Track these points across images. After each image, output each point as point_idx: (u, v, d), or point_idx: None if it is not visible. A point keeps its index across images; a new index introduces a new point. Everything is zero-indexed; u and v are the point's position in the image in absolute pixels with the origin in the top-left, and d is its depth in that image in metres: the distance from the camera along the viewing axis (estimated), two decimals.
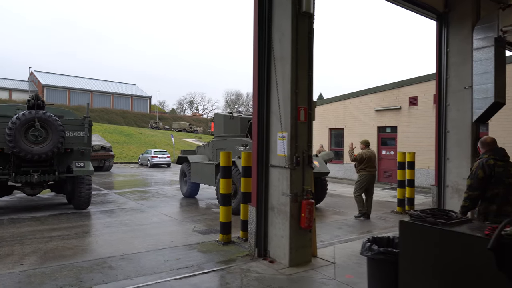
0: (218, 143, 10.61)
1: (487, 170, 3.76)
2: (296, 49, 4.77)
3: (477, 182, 3.80)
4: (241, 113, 10.87)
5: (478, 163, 3.90)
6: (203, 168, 10.62)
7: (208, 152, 11.28)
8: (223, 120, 10.58)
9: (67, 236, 6.56)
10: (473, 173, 3.88)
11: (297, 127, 4.81)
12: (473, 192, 3.83)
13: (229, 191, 6.12)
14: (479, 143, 4.11)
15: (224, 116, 10.68)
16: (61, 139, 8.60)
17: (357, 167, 8.48)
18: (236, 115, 10.43)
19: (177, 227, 7.42)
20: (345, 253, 5.45)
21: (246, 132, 10.07)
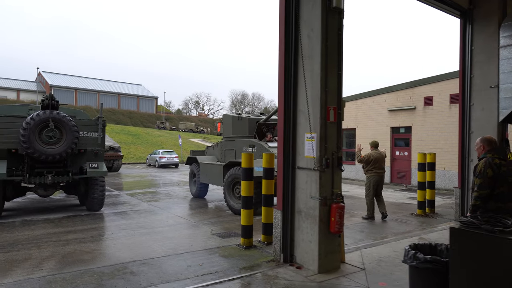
0: (226, 144, 10.61)
1: (495, 169, 3.82)
2: (326, 46, 4.57)
3: (487, 180, 3.83)
4: (249, 114, 10.86)
5: (484, 161, 3.94)
6: (211, 168, 10.59)
7: (217, 153, 11.26)
8: (232, 121, 10.59)
9: (84, 239, 6.40)
10: (481, 172, 3.90)
11: (326, 127, 4.60)
12: (484, 191, 3.84)
13: (251, 193, 5.93)
14: (482, 142, 4.14)
15: (233, 117, 10.67)
16: (75, 139, 8.47)
17: (365, 169, 8.37)
18: (244, 116, 10.42)
19: (194, 230, 7.24)
20: (373, 258, 5.24)
21: (254, 133, 10.11)
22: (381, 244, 6.06)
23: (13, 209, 9.40)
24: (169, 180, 17.99)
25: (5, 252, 5.60)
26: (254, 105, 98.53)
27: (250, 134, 10.09)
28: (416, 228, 7.49)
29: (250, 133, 10.10)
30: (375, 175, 8.28)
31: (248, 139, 9.93)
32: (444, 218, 8.48)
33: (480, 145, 4.18)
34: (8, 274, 4.64)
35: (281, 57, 5.04)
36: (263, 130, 10.24)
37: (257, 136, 10.09)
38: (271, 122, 10.43)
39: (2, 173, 7.85)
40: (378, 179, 8.34)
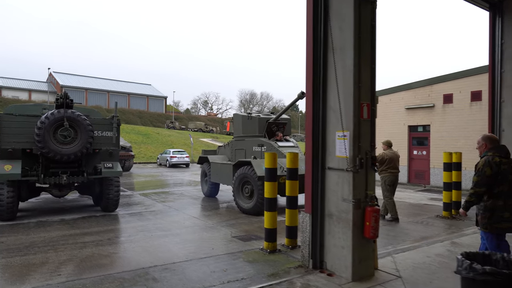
0: (236, 143, 10.61)
1: (494, 168, 3.90)
2: (359, 38, 4.28)
3: (484, 179, 3.94)
4: (259, 114, 10.74)
5: (484, 160, 4.02)
6: (221, 168, 10.57)
7: (228, 152, 11.23)
8: (242, 121, 10.53)
9: (101, 242, 6.20)
10: (480, 170, 3.99)
11: (360, 125, 4.31)
12: (480, 189, 3.97)
13: (274, 195, 5.66)
14: (483, 140, 4.21)
15: (243, 116, 10.61)
16: (90, 139, 8.29)
17: (379, 169, 8.19)
18: (254, 116, 10.33)
19: (213, 232, 7.00)
20: (408, 265, 4.93)
21: (264, 132, 10.04)
22: (412, 249, 5.74)
23: (28, 210, 9.28)
24: (181, 180, 17.82)
25: (22, 255, 5.42)
26: (262, 104, 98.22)
27: (260, 133, 10.03)
28: (444, 232, 7.14)
29: (260, 132, 10.03)
30: (390, 175, 8.04)
31: (257, 139, 9.87)
32: (472, 221, 8.09)
33: (482, 144, 4.23)
34: (25, 280, 4.44)
35: (309, 51, 4.76)
36: (273, 129, 10.14)
37: (267, 135, 10.01)
38: (281, 121, 10.34)
39: (16, 173, 7.71)
40: (393, 179, 8.10)
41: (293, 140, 10.38)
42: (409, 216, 8.71)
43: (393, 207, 8.05)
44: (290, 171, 5.80)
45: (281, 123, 10.24)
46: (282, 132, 10.24)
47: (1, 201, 7.63)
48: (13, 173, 7.67)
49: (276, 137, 9.93)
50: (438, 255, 5.36)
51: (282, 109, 9.83)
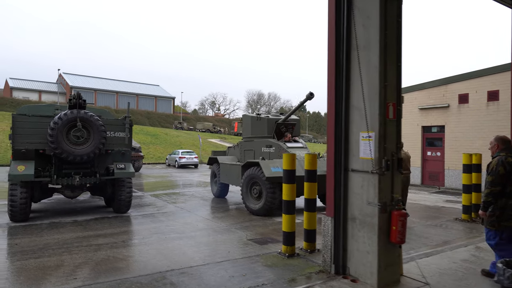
0: (245, 144, 10.63)
1: (507, 167, 4.10)
2: (385, 36, 4.11)
3: (498, 178, 4.12)
4: (268, 114, 10.72)
5: (497, 160, 4.21)
6: (230, 168, 10.56)
7: (237, 153, 11.17)
8: (251, 121, 10.55)
9: (115, 245, 6.10)
10: (493, 169, 4.18)
11: (385, 125, 4.14)
12: (495, 188, 4.13)
13: (293, 197, 5.51)
14: (496, 141, 4.42)
15: (252, 117, 10.60)
16: (103, 140, 8.22)
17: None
18: (263, 116, 10.29)
19: (228, 234, 6.86)
20: (433, 270, 4.74)
21: (273, 133, 10.00)
22: (435, 253, 5.54)
23: (40, 211, 9.24)
24: (190, 180, 17.75)
25: (36, 257, 5.34)
26: (270, 105, 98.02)
27: (269, 134, 10.02)
28: (466, 235, 6.92)
29: (269, 133, 10.02)
30: (402, 176, 7.82)
31: (266, 139, 9.87)
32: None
33: (495, 144, 4.42)
34: (41, 283, 4.35)
35: (331, 49, 4.60)
36: (282, 130, 10.10)
37: (275, 136, 9.97)
38: (290, 122, 10.27)
39: (29, 174, 7.66)
40: (404, 180, 7.86)
41: (302, 141, 10.29)
42: (427, 219, 8.49)
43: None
44: (309, 173, 5.65)
45: (290, 124, 10.18)
46: (291, 133, 10.16)
47: (14, 202, 7.59)
48: (26, 173, 7.62)
49: (284, 138, 9.87)
50: (464, 261, 5.16)
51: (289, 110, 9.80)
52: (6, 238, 6.53)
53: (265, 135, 10.07)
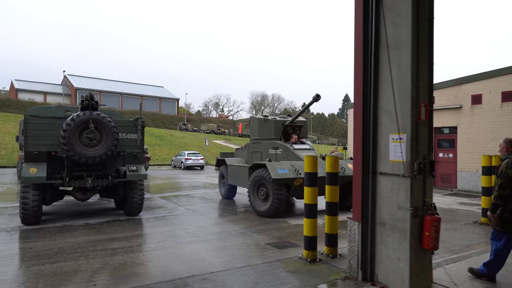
0: (253, 146, 10.72)
1: None
2: (417, 33, 3.96)
3: (507, 181, 4.16)
4: (275, 116, 10.72)
5: (507, 162, 4.25)
6: (238, 170, 10.60)
7: (245, 155, 11.24)
8: (258, 123, 10.61)
9: (131, 249, 5.97)
10: (502, 172, 4.22)
11: (418, 127, 3.99)
12: (504, 191, 4.19)
13: (315, 201, 5.35)
14: (505, 143, 4.45)
15: (259, 119, 10.63)
16: (115, 141, 8.10)
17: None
18: (270, 118, 10.30)
19: (244, 238, 6.71)
20: (463, 277, 4.58)
21: (280, 134, 10.04)
22: (462, 259, 5.37)
23: (51, 213, 9.14)
24: (198, 182, 17.62)
25: (52, 262, 5.22)
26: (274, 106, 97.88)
27: (276, 136, 10.06)
28: (488, 239, 6.72)
29: (276, 135, 10.06)
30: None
31: (273, 141, 9.93)
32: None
33: (504, 147, 4.45)
34: None
35: (358, 48, 4.45)
36: (289, 132, 10.13)
37: (282, 138, 10.00)
38: (297, 124, 10.22)
39: (42, 177, 7.55)
40: None
41: (309, 143, 10.29)
42: (445, 222, 8.28)
43: None
44: (330, 175, 5.50)
45: (297, 125, 10.21)
46: (298, 134, 10.15)
47: (27, 205, 7.48)
48: (39, 176, 7.51)
49: (291, 139, 9.88)
50: None
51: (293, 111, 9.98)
52: (19, 242, 6.41)
53: (272, 137, 10.10)
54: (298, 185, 8.42)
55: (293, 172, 8.33)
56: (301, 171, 8.31)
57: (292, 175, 8.26)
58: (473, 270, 4.63)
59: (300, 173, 8.22)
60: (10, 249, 5.92)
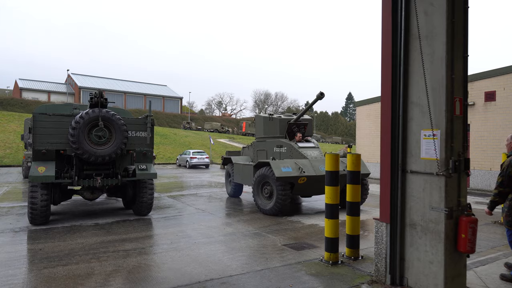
0: (258, 144, 10.70)
1: None
2: (452, 24, 3.72)
3: (508, 179, 4.17)
4: (280, 115, 10.73)
5: (509, 161, 4.22)
6: (243, 168, 10.68)
7: (251, 153, 11.24)
8: (263, 122, 10.62)
9: (144, 250, 5.78)
10: (504, 170, 4.21)
11: (452, 123, 3.75)
12: (504, 189, 4.22)
13: (337, 201, 5.13)
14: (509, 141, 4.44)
15: (264, 117, 10.65)
16: (125, 139, 7.91)
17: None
18: (275, 117, 10.32)
19: (259, 239, 6.50)
20: (496, 280, 4.36)
21: (285, 133, 10.04)
22: (490, 261, 5.15)
23: (58, 213, 8.97)
24: (204, 181, 17.44)
25: (64, 265, 5.03)
26: (277, 104, 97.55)
27: (281, 134, 10.07)
28: None
29: (281, 133, 10.08)
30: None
31: (277, 140, 9.94)
32: None
33: (510, 142, 4.43)
34: None
35: (386, 41, 4.22)
36: (294, 130, 10.11)
37: (287, 136, 10.01)
38: (302, 122, 10.21)
39: (50, 176, 7.36)
40: None
41: (314, 141, 10.23)
42: None
43: None
44: (352, 174, 5.27)
45: (302, 124, 10.19)
46: (302, 133, 10.15)
47: (35, 205, 7.30)
48: (47, 175, 7.33)
49: (295, 137, 9.89)
50: None
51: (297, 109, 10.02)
52: (28, 243, 6.23)
53: (277, 135, 10.10)
54: (302, 183, 8.44)
55: (297, 170, 8.34)
56: (305, 169, 8.40)
57: (295, 173, 8.27)
58: (505, 276, 4.40)
59: (304, 171, 8.30)
60: (20, 251, 5.74)
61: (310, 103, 9.66)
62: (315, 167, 8.59)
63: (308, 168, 8.52)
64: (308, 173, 8.37)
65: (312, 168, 8.60)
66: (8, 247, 5.90)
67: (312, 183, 8.57)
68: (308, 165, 8.61)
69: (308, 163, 8.65)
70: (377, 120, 17.73)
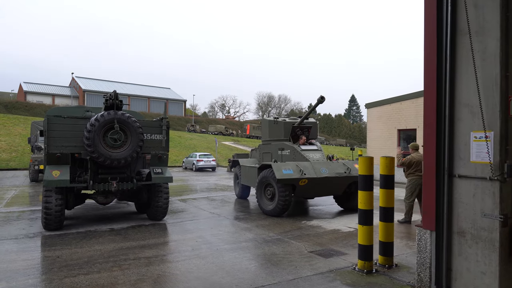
0: (264, 147, 10.97)
1: None
2: (507, 18, 3.49)
3: None
4: (285, 118, 10.89)
5: None
6: (249, 171, 10.94)
7: (257, 156, 11.52)
8: (268, 125, 10.85)
9: (166, 258, 5.54)
10: None
11: (507, 123, 3.51)
12: None
13: (371, 206, 4.89)
14: None
15: (269, 121, 10.88)
16: (140, 142, 7.69)
17: (406, 172, 8.22)
18: (280, 120, 10.51)
19: (283, 246, 6.25)
20: None
21: (289, 136, 10.20)
22: None
23: (71, 218, 8.76)
24: (214, 184, 17.21)
25: (85, 273, 4.80)
26: (280, 107, 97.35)
27: (285, 137, 10.24)
28: None
29: (285, 136, 10.25)
30: (418, 178, 7.97)
31: (282, 142, 10.12)
32: None
33: None
34: None
35: (430, 37, 3.99)
36: (297, 133, 10.26)
37: (291, 139, 10.18)
38: (305, 125, 10.37)
39: (65, 180, 7.15)
40: (420, 182, 7.86)
41: (318, 144, 10.33)
42: None
43: (409, 209, 8.16)
44: (386, 178, 5.03)
45: (305, 127, 10.34)
46: (306, 136, 10.28)
47: (49, 210, 7.08)
48: (62, 179, 7.12)
49: (300, 140, 10.00)
50: None
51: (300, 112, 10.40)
52: (45, 250, 6.00)
53: (281, 138, 10.27)
54: (303, 185, 8.58)
55: (298, 172, 8.45)
56: (306, 171, 8.54)
57: (296, 175, 8.39)
58: None
59: (305, 174, 8.44)
60: (36, 258, 5.52)
61: (312, 106, 9.87)
62: (316, 169, 8.71)
63: (309, 170, 8.63)
64: (309, 175, 8.48)
65: (313, 170, 8.70)
66: (25, 255, 5.68)
67: (314, 185, 8.73)
68: (310, 167, 8.72)
69: (309, 166, 8.78)
70: (388, 122, 17.48)
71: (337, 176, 8.76)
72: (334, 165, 9.02)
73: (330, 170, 8.81)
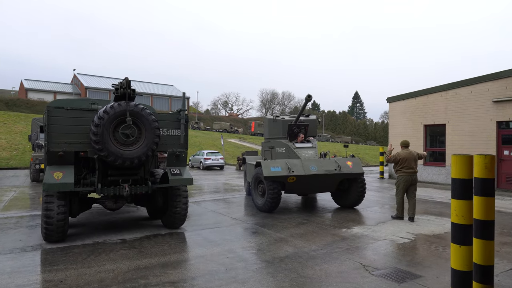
0: (265, 145, 11.07)
1: None
2: None
3: None
4: (284, 116, 10.97)
5: None
6: (250, 168, 11.23)
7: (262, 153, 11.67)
8: (268, 123, 11.14)
9: (197, 283, 4.40)
10: None
11: None
12: None
13: (470, 220, 3.74)
14: None
15: (269, 119, 11.12)
16: (156, 139, 6.56)
17: (395, 168, 8.26)
18: (279, 118, 10.69)
19: (336, 264, 5.12)
20: None
21: (287, 134, 10.27)
22: None
23: (75, 225, 7.65)
24: (223, 183, 16.09)
25: None
26: (284, 104, 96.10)
27: (283, 135, 10.44)
28: None
29: (283, 134, 10.44)
30: (404, 174, 8.09)
31: (279, 140, 10.29)
32: None
33: None
34: None
35: None
36: (295, 131, 10.31)
37: (289, 137, 10.25)
38: (302, 123, 10.40)
39: (69, 183, 6.01)
40: (407, 179, 8.07)
41: (314, 142, 10.28)
42: None
43: (400, 206, 8.21)
44: (483, 182, 3.88)
45: (302, 125, 10.36)
46: (304, 134, 10.31)
47: (51, 219, 5.96)
48: (65, 182, 5.98)
49: (297, 138, 10.12)
50: None
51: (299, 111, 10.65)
52: (44, 271, 4.88)
53: (280, 136, 10.51)
54: (291, 182, 8.81)
55: (286, 170, 8.66)
56: (294, 169, 8.70)
57: (284, 172, 8.62)
58: None
59: (293, 171, 8.62)
60: (34, 283, 4.41)
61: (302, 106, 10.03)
62: (305, 166, 8.85)
63: (298, 168, 8.79)
64: (297, 173, 8.65)
65: (302, 168, 8.83)
66: (20, 278, 4.56)
67: (303, 182, 8.92)
68: (299, 164, 8.87)
69: (299, 163, 8.93)
70: (413, 116, 16.32)
71: (326, 173, 8.86)
72: (324, 163, 9.09)
73: (319, 167, 8.94)
